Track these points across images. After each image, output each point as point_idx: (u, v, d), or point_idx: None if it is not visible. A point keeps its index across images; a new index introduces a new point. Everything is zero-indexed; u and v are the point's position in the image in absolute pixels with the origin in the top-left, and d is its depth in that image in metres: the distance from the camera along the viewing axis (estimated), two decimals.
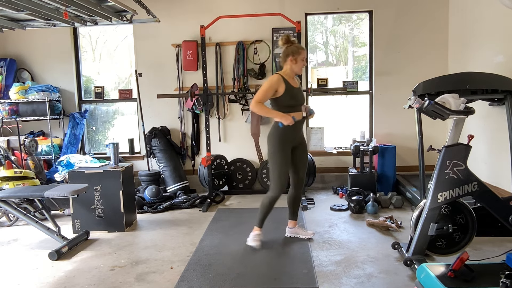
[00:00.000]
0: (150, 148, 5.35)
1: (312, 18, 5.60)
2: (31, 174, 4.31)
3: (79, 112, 5.66)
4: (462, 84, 3.06)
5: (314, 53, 5.85)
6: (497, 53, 4.07)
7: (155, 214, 4.44)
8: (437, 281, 2.00)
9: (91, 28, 5.81)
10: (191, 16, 5.40)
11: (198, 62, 5.41)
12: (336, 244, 3.38)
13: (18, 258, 3.30)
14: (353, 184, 4.76)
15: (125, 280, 2.81)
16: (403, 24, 5.26)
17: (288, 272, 2.83)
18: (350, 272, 2.82)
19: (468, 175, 2.69)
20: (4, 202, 3.44)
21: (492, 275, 2.04)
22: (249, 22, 5.35)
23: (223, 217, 4.21)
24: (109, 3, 3.76)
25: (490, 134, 4.20)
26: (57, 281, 2.84)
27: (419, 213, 2.82)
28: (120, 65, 6.06)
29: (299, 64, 3.25)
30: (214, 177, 5.09)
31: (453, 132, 2.73)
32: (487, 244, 3.19)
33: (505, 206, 2.77)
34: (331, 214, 4.24)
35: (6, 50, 5.68)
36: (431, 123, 3.30)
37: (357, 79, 5.59)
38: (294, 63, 3.25)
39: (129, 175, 4.03)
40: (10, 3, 3.39)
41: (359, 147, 4.84)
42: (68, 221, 3.95)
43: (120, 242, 3.58)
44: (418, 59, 5.27)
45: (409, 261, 2.74)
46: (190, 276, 2.82)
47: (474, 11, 4.55)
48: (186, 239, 3.59)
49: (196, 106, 5.28)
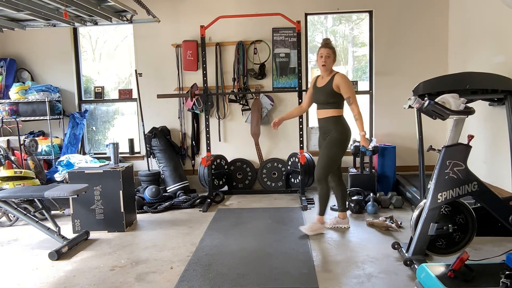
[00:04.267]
0: (150, 148, 5.35)
1: (312, 18, 5.60)
2: (31, 174, 4.31)
3: (79, 112, 5.66)
4: (462, 84, 3.06)
5: (314, 53, 5.84)
6: (497, 53, 4.07)
7: (155, 214, 4.44)
8: (437, 281, 2.00)
9: (91, 28, 5.81)
10: (191, 16, 5.40)
11: (198, 62, 5.41)
12: (336, 244, 3.38)
13: (18, 258, 3.30)
14: (353, 184, 4.76)
15: (125, 280, 2.81)
16: (403, 24, 5.27)
17: (288, 272, 2.83)
18: (350, 272, 2.82)
19: (468, 175, 2.69)
20: (4, 202, 3.44)
21: (492, 275, 2.04)
22: (249, 22, 5.35)
23: (223, 217, 4.21)
24: (109, 3, 3.76)
25: (490, 134, 4.20)
26: (57, 281, 2.84)
27: (419, 213, 2.82)
28: (120, 65, 6.06)
29: (318, 61, 3.64)
30: (214, 177, 5.09)
31: (453, 132, 2.73)
32: (487, 244, 3.18)
33: (505, 206, 2.77)
34: (331, 214, 4.23)
35: (6, 50, 5.68)
36: (431, 123, 3.31)
37: (357, 79, 5.59)
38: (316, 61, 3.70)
39: (129, 175, 4.03)
40: (10, 3, 3.39)
41: (359, 147, 4.83)
42: (68, 221, 3.95)
43: (120, 242, 3.58)
44: (418, 59, 5.27)
45: (409, 261, 2.74)
46: (190, 276, 2.82)
47: (474, 11, 4.55)
48: (186, 239, 3.59)
49: (196, 106, 5.28)
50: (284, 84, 5.41)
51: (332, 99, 3.54)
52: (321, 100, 3.60)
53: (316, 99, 3.68)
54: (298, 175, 4.98)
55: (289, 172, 5.23)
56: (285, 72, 5.38)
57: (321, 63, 3.57)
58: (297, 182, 5.08)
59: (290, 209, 4.40)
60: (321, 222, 3.65)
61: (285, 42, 5.37)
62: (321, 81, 3.64)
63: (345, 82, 3.51)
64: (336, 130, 3.56)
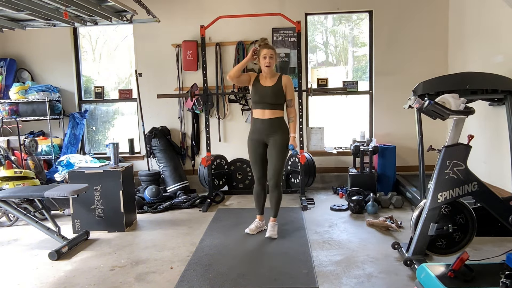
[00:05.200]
0: (150, 148, 5.35)
1: (312, 18, 5.60)
2: (31, 174, 4.31)
3: (79, 112, 5.66)
4: (462, 84, 3.06)
5: (314, 53, 5.85)
6: (497, 53, 4.07)
7: (155, 214, 4.44)
8: (437, 281, 2.00)
9: (91, 28, 5.81)
10: (191, 16, 5.40)
11: (198, 62, 5.41)
12: (336, 244, 3.38)
13: (18, 258, 3.30)
14: (353, 184, 4.75)
15: (125, 280, 2.81)
16: (403, 24, 5.27)
17: (288, 272, 2.83)
18: (350, 272, 2.82)
19: (468, 175, 2.69)
20: (4, 202, 3.44)
21: (492, 275, 2.04)
22: (249, 22, 5.35)
23: (223, 217, 4.21)
24: (109, 3, 3.76)
25: (490, 134, 4.20)
26: (57, 281, 2.84)
27: (419, 213, 2.82)
28: (120, 65, 6.06)
29: (261, 62, 3.52)
30: (214, 177, 5.09)
31: (453, 132, 2.73)
32: (487, 244, 3.18)
33: (505, 206, 2.77)
34: (331, 214, 4.24)
35: (6, 50, 5.68)
36: (431, 123, 3.30)
37: (357, 79, 5.59)
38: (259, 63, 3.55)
39: (129, 175, 4.03)
40: (10, 3, 3.39)
41: (359, 147, 4.84)
42: (68, 221, 3.94)
43: (120, 242, 3.58)
44: (418, 59, 5.27)
45: (409, 261, 2.74)
46: (190, 276, 2.82)
47: (474, 11, 4.55)
48: (186, 239, 3.59)
49: (196, 106, 5.28)
50: None
51: (281, 100, 3.51)
52: (271, 100, 3.47)
53: (262, 99, 3.48)
54: (298, 175, 4.98)
55: (289, 172, 5.23)
56: (285, 72, 5.37)
57: (265, 64, 3.45)
58: (297, 182, 5.08)
59: (290, 209, 4.39)
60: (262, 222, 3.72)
61: (285, 42, 5.37)
62: (266, 81, 3.52)
63: (291, 84, 3.54)
64: (282, 131, 3.50)
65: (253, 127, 3.59)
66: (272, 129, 3.49)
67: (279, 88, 3.48)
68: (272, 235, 3.51)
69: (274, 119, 3.49)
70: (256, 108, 3.54)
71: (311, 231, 3.70)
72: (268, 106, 3.48)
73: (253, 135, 3.58)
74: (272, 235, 3.50)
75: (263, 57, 3.47)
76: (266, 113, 3.49)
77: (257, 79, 3.55)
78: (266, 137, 3.52)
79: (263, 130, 3.51)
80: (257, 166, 3.61)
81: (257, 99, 3.51)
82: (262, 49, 3.48)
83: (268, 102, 3.48)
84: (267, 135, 3.51)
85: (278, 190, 3.57)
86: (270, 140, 3.51)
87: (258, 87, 3.52)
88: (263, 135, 3.52)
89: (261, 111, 3.50)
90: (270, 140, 3.52)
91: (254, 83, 3.54)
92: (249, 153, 3.62)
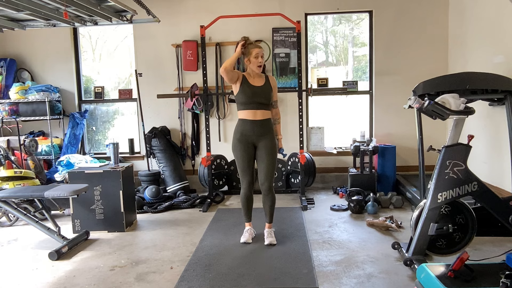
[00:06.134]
0: (150, 148, 5.35)
1: (312, 18, 5.60)
2: (31, 174, 4.31)
3: (79, 112, 5.66)
4: (462, 84, 3.06)
5: (314, 53, 5.85)
6: (497, 53, 4.07)
7: (155, 214, 4.44)
8: (437, 281, 2.00)
9: (91, 28, 5.80)
10: (191, 16, 5.40)
11: (198, 62, 5.41)
12: (336, 244, 3.38)
13: (18, 258, 3.30)
14: (353, 184, 4.75)
15: (125, 280, 2.81)
16: (403, 24, 5.27)
17: (288, 272, 2.83)
18: (350, 272, 2.82)
19: (468, 175, 2.69)
20: (4, 202, 3.44)
21: (492, 275, 2.04)
22: (249, 22, 5.35)
23: (223, 217, 4.21)
24: (109, 3, 3.76)
25: (490, 134, 4.20)
26: (57, 281, 2.84)
27: (419, 213, 2.82)
28: (120, 65, 6.06)
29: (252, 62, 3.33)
30: (214, 177, 5.09)
31: (453, 132, 2.73)
32: (487, 244, 3.19)
33: (505, 206, 2.77)
34: (331, 214, 4.24)
35: (6, 50, 5.68)
36: (431, 123, 3.30)
37: (357, 79, 5.59)
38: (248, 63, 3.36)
39: (129, 175, 4.03)
40: (10, 3, 3.38)
41: (359, 147, 4.84)
42: (68, 221, 3.94)
43: (120, 242, 3.58)
44: (418, 59, 5.27)
45: (409, 261, 2.74)
46: (190, 276, 2.82)
47: (473, 11, 4.55)
48: (186, 239, 3.59)
49: (196, 106, 5.28)
50: (284, 84, 5.41)
51: (271, 100, 3.43)
52: (263, 100, 3.34)
53: (253, 99, 3.31)
54: (298, 175, 4.98)
55: (289, 172, 5.23)
56: (285, 72, 5.38)
57: (258, 64, 3.30)
58: (297, 182, 5.08)
59: (290, 209, 4.39)
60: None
61: (285, 42, 5.37)
62: (255, 80, 3.35)
63: (276, 85, 3.49)
64: (271, 133, 3.40)
65: (242, 128, 3.38)
66: (264, 130, 3.35)
67: (269, 88, 3.39)
68: (272, 241, 3.37)
69: (266, 120, 3.37)
70: (245, 108, 3.34)
71: (311, 231, 3.70)
72: (261, 106, 3.33)
73: (242, 137, 3.38)
74: (271, 242, 3.37)
75: (254, 56, 3.29)
76: (258, 114, 3.33)
77: (244, 78, 3.34)
78: (256, 138, 3.36)
79: (254, 131, 3.34)
80: (249, 170, 3.46)
81: (247, 100, 3.31)
82: (254, 48, 3.31)
83: (261, 102, 3.33)
84: (258, 137, 3.36)
85: (272, 194, 3.47)
86: (261, 142, 3.37)
87: (247, 86, 3.31)
88: (253, 137, 3.36)
89: (252, 111, 3.32)
90: (260, 142, 3.37)
91: (242, 83, 3.32)
92: (238, 157, 3.43)
